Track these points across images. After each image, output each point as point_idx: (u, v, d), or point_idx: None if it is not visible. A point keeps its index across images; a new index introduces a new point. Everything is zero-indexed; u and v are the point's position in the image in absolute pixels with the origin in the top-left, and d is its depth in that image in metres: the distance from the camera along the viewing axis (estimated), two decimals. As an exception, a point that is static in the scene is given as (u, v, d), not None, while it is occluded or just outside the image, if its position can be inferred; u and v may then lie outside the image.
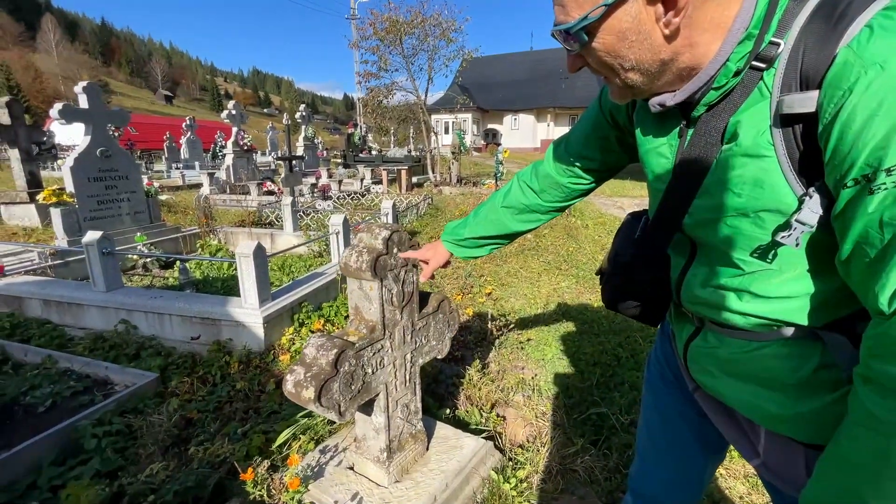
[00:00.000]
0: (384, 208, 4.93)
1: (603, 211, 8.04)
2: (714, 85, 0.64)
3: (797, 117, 0.58)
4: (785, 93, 0.59)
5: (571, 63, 0.71)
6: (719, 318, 0.77)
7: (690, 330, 0.86)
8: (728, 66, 0.62)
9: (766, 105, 0.61)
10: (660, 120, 0.78)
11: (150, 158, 21.07)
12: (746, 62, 0.61)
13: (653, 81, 0.68)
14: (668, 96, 0.69)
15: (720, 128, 0.66)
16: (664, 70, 0.65)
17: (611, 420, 2.11)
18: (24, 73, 60.14)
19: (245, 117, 11.13)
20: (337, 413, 1.35)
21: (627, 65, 0.65)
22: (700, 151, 0.69)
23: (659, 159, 0.79)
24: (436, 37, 10.47)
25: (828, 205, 0.58)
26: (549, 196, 1.14)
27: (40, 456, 1.93)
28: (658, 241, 0.82)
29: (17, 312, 3.41)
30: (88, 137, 4.51)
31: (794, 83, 0.58)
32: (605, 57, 0.65)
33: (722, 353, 0.79)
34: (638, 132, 0.85)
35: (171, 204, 7.92)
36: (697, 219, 0.73)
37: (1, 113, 6.29)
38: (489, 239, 1.26)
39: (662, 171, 0.78)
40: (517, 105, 30.87)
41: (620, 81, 0.69)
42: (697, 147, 0.70)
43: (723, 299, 0.74)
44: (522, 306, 3.74)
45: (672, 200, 0.76)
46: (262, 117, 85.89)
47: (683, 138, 0.73)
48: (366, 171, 11.93)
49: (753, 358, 0.74)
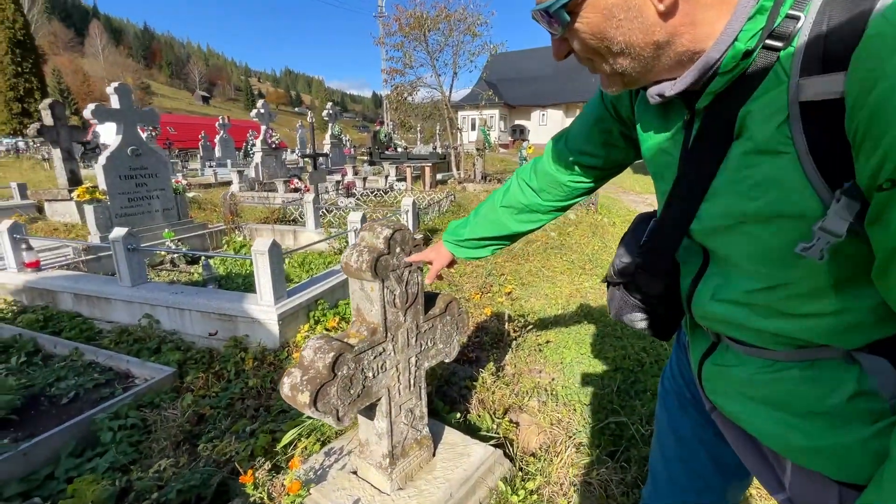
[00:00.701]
0: (404, 205, 4.90)
1: (631, 208, 7.78)
2: (720, 70, 0.54)
3: (820, 105, 0.48)
4: (805, 76, 0.48)
5: (556, 49, 0.62)
6: (736, 335, 0.67)
7: (706, 345, 0.76)
8: (736, 47, 0.51)
9: (782, 91, 0.51)
10: (662, 112, 0.69)
11: (186, 157, 21.84)
12: (759, 41, 0.51)
13: (648, 68, 0.58)
14: (667, 85, 0.59)
15: (729, 120, 0.56)
16: (660, 54, 0.56)
17: (630, 430, 1.99)
18: (74, 77, 63.49)
19: (273, 116, 11.35)
20: (334, 418, 1.31)
21: (616, 48, 0.55)
22: (707, 148, 0.60)
23: (662, 157, 0.70)
24: (461, 31, 10.36)
25: (860, 210, 0.48)
26: (549, 195, 1.06)
27: (59, 447, 1.98)
28: (664, 247, 0.73)
29: (50, 305, 3.55)
30: (120, 136, 4.67)
31: (817, 63, 0.47)
32: (590, 40, 0.56)
33: (740, 372, 0.69)
34: (639, 126, 0.75)
35: (200, 201, 8.15)
36: (706, 225, 0.64)
37: (45, 114, 6.62)
38: (489, 240, 1.19)
39: (666, 171, 0.70)
40: (545, 100, 30.39)
41: (609, 69, 0.60)
42: (704, 143, 0.60)
43: (738, 315, 0.65)
44: (543, 307, 3.62)
45: (678, 203, 0.67)
46: (293, 116, 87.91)
47: (688, 133, 0.63)
48: (391, 169, 11.97)
49: (775, 380, 0.64)
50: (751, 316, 0.63)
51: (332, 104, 14.85)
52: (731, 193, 0.58)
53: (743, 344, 0.68)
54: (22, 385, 2.44)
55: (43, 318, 3.35)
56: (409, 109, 13.02)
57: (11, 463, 1.82)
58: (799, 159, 0.50)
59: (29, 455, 1.89)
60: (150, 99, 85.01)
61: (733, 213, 0.58)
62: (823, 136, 0.48)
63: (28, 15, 35.61)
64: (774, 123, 0.51)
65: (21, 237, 3.65)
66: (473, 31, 10.42)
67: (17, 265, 3.66)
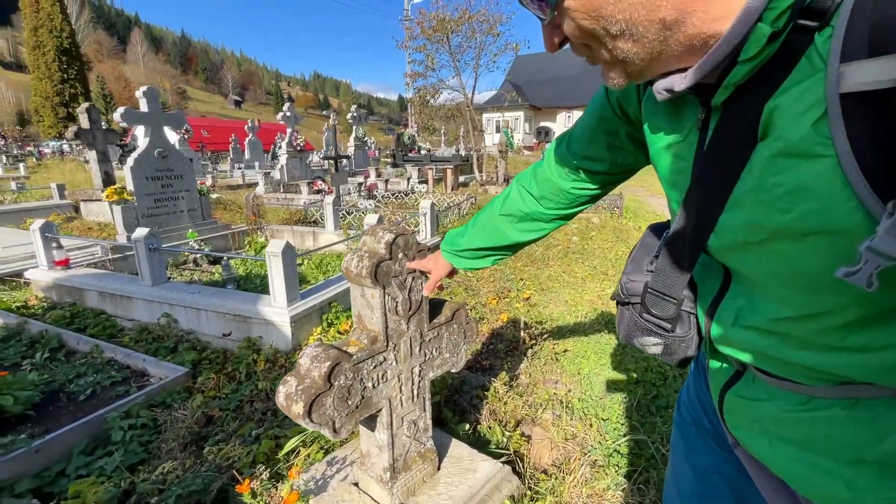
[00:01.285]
0: (423, 208, 4.86)
1: (658, 212, 7.51)
2: (741, 57, 0.44)
3: (868, 97, 0.38)
4: (847, 61, 0.39)
5: (548, 38, 0.53)
6: (763, 365, 0.58)
7: (728, 373, 0.67)
8: (760, 29, 0.42)
9: (818, 81, 0.41)
10: (672, 110, 0.60)
11: (217, 159, 22.52)
12: (788, 20, 0.41)
13: (654, 53, 0.48)
14: (676, 78, 0.50)
15: (753, 118, 0.47)
16: (667, 36, 0.46)
17: (650, 450, 1.87)
18: (116, 83, 66.66)
19: (300, 118, 11.56)
20: (331, 430, 1.25)
21: (615, 28, 0.46)
22: (726, 151, 0.51)
23: (673, 161, 0.61)
24: (483, 32, 10.30)
25: None
26: (551, 203, 0.96)
27: (72, 444, 2.00)
28: (678, 266, 0.64)
29: (77, 302, 3.66)
30: (147, 139, 4.80)
31: (862, 45, 0.38)
32: (584, 20, 0.47)
33: (770, 408, 0.59)
34: (647, 127, 0.66)
35: (226, 202, 8.33)
36: (726, 240, 0.55)
37: (82, 118, 6.90)
38: (488, 250, 1.10)
39: (678, 177, 0.61)
40: (572, 101, 30.00)
41: (609, 55, 0.50)
42: (722, 145, 0.51)
43: (766, 345, 0.55)
44: (562, 313, 3.50)
45: (692, 215, 0.58)
46: (321, 119, 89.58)
47: (703, 133, 0.55)
48: (413, 171, 11.99)
49: (813, 420, 0.55)
50: (781, 347, 0.54)
51: (358, 107, 15.02)
52: (757, 204, 0.49)
53: (772, 376, 0.58)
54: (43, 381, 2.50)
55: (69, 315, 3.45)
56: (432, 112, 13.02)
57: (25, 459, 1.85)
58: (840, 163, 0.41)
59: (42, 451, 1.92)
60: (186, 103, 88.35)
61: (758, 228, 0.49)
62: (872, 134, 0.39)
63: (75, 24, 37.56)
64: (809, 120, 0.42)
65: (52, 236, 3.78)
66: (495, 31, 10.34)
67: (48, 263, 3.79)
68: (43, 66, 28.55)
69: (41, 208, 7.61)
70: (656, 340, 0.74)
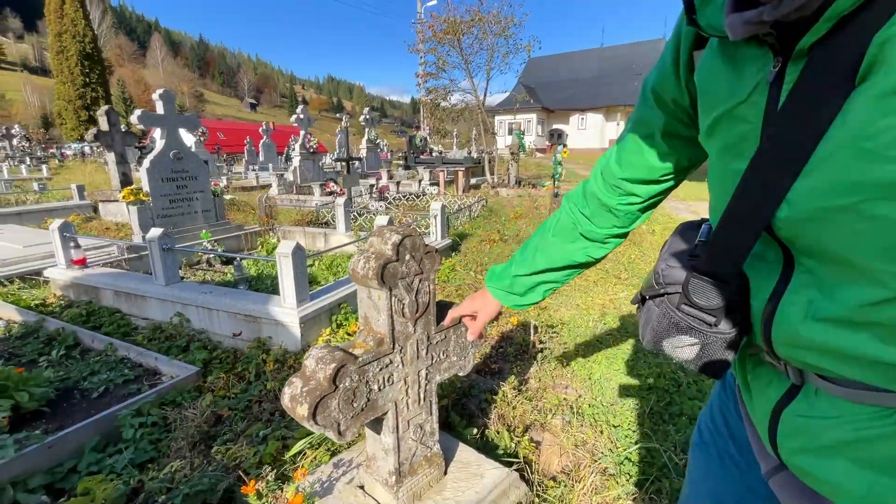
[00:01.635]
0: (433, 210, 4.85)
1: (674, 216, 7.40)
2: None
3: None
4: None
5: None
6: (838, 369, 0.50)
7: (780, 390, 0.59)
8: None
9: None
10: (733, 68, 0.54)
11: (232, 160, 22.86)
12: None
13: None
14: (766, 8, 0.43)
15: (855, 56, 0.40)
16: None
17: (662, 458, 1.82)
18: (136, 87, 68.31)
19: (312, 121, 11.65)
20: (335, 432, 1.24)
21: None
22: (813, 100, 0.44)
23: (735, 126, 0.54)
24: (495, 34, 10.28)
25: None
26: (602, 221, 0.91)
27: (84, 441, 2.03)
28: (733, 245, 0.56)
29: (93, 301, 3.73)
30: (163, 141, 4.88)
31: None
32: None
33: (842, 427, 0.52)
34: (701, 100, 0.61)
35: (239, 203, 8.43)
36: (802, 210, 0.47)
37: (101, 120, 7.05)
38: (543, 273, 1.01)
39: (742, 144, 0.53)
40: (584, 104, 29.80)
41: None
42: (808, 95, 0.44)
43: (849, 341, 0.48)
44: (573, 317, 3.45)
45: (756, 185, 0.50)
46: (334, 121, 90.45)
47: (777, 88, 0.48)
48: (425, 173, 12.01)
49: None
50: (869, 341, 0.46)
51: (370, 109, 15.10)
52: (855, 156, 0.41)
53: (843, 384, 0.51)
54: (58, 378, 2.54)
55: (86, 313, 3.52)
56: (444, 114, 13.03)
57: (37, 455, 1.88)
58: None
59: (55, 448, 1.94)
60: (203, 106, 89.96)
61: (853, 187, 0.42)
62: None
63: (97, 30, 38.49)
64: None
65: (70, 235, 3.86)
66: (506, 31, 10.32)
67: (66, 262, 3.87)
68: (66, 71, 29.33)
69: (62, 208, 7.80)
70: (693, 340, 0.63)
